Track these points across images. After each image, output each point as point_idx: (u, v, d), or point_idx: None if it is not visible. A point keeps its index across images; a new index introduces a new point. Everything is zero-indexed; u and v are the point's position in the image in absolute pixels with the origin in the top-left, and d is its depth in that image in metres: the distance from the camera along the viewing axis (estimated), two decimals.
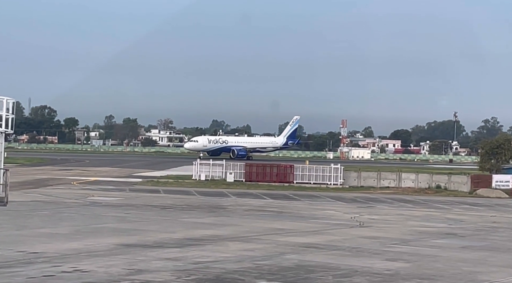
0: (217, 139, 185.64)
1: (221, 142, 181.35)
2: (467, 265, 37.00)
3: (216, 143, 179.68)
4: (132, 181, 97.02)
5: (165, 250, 38.53)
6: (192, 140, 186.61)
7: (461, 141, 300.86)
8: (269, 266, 34.59)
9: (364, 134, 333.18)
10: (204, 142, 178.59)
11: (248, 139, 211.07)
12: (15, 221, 48.49)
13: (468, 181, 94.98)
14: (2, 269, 31.87)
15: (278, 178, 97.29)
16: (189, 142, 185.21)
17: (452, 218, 62.10)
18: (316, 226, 52.35)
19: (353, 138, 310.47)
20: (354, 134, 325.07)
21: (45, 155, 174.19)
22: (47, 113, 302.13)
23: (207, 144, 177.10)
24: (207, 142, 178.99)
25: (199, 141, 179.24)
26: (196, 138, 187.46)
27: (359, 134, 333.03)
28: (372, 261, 37.19)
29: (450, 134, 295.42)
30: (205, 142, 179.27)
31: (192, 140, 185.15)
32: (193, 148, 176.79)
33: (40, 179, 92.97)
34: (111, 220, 52.39)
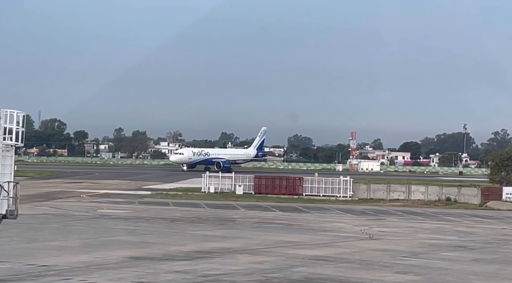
0: (200, 151, 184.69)
1: (203, 155, 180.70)
2: (478, 278, 36.82)
3: (200, 155, 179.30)
4: (141, 193, 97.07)
5: (174, 263, 38.51)
6: (177, 153, 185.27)
7: (471, 153, 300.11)
8: (279, 279, 34.51)
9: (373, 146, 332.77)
10: (189, 155, 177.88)
11: (225, 151, 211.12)
12: (25, 234, 48.58)
13: (478, 193, 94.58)
14: (12, 282, 31.91)
15: (287, 191, 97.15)
16: (175, 155, 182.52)
17: (463, 230, 61.83)
18: (325, 239, 52.22)
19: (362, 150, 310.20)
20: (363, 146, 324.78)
21: (55, 168, 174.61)
22: (57, 126, 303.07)
23: (192, 157, 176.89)
24: (191, 155, 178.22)
25: (184, 154, 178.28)
26: (181, 151, 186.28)
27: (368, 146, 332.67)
28: (382, 274, 37.05)
29: (460, 146, 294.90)
30: (190, 154, 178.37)
31: (177, 153, 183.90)
32: (178, 160, 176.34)
33: (50, 192, 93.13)
34: (120, 233, 52.42)
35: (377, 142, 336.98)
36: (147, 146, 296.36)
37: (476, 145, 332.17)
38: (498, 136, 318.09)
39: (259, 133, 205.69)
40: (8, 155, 24.14)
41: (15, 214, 24.22)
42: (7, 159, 24.08)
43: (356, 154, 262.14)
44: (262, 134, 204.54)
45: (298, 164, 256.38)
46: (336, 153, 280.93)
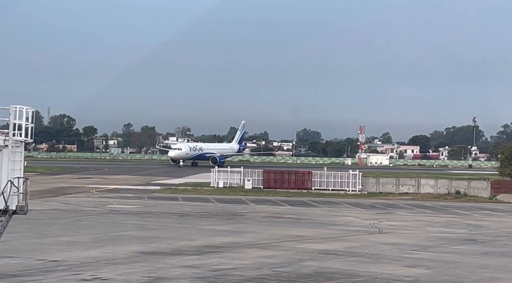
0: (195, 146, 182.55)
1: (198, 149, 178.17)
2: (488, 271, 36.77)
3: (195, 150, 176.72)
4: (150, 188, 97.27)
5: (184, 258, 38.60)
6: (175, 148, 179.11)
7: (480, 146, 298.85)
8: (288, 273, 34.55)
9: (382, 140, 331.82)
10: (187, 150, 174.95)
11: (214, 145, 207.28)
12: (35, 229, 48.80)
13: (488, 186, 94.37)
14: (22, 277, 32.07)
15: (296, 185, 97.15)
16: (173, 150, 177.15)
17: (472, 224, 61.71)
18: (334, 233, 52.23)
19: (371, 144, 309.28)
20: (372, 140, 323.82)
21: (64, 164, 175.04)
22: (66, 122, 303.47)
23: (189, 152, 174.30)
24: (188, 150, 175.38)
25: (182, 149, 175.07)
26: (179, 146, 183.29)
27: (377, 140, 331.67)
28: (391, 267, 37.05)
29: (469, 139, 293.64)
30: (187, 149, 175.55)
31: (175, 148, 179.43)
32: (177, 156, 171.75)
33: (60, 188, 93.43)
34: (130, 228, 52.55)
35: (386, 136, 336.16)
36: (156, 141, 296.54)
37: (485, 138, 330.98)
38: (507, 129, 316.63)
39: (239, 127, 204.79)
40: (18, 151, 24.22)
41: (25, 209, 24.31)
42: (17, 155, 24.16)
43: (365, 148, 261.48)
44: (242, 128, 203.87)
45: (307, 158, 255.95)
46: (345, 147, 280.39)
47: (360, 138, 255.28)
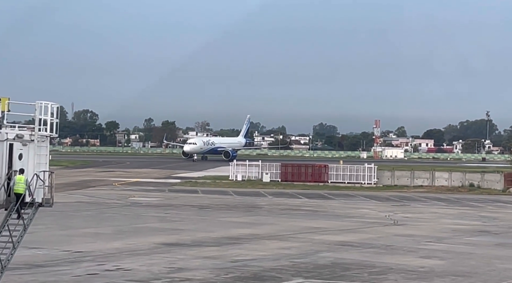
0: (208, 141, 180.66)
1: (210, 144, 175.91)
2: (502, 262, 36.60)
3: (207, 145, 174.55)
4: (171, 182, 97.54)
5: (204, 249, 38.71)
6: (190, 142, 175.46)
7: (493, 139, 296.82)
8: (306, 264, 34.58)
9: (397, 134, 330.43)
10: (201, 145, 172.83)
11: (224, 139, 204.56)
12: (60, 221, 49.13)
13: (501, 179, 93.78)
14: (49, 267, 32.32)
15: (313, 178, 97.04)
16: (188, 144, 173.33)
17: (486, 216, 61.42)
18: (351, 225, 52.17)
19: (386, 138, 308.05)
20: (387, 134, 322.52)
21: (87, 158, 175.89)
22: (89, 117, 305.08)
23: (203, 146, 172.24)
24: (202, 144, 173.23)
25: (197, 144, 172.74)
26: (194, 140, 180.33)
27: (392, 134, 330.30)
28: (406, 258, 36.97)
29: (483, 133, 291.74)
30: (202, 144, 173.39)
31: (190, 143, 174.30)
32: (193, 150, 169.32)
33: (83, 181, 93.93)
34: (151, 220, 52.78)
35: (401, 130, 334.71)
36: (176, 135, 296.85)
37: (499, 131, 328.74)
38: None
39: (245, 121, 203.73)
40: (43, 145, 24.35)
41: (51, 202, 24.44)
42: (42, 149, 24.29)
43: (380, 141, 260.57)
44: (247, 122, 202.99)
45: (323, 152, 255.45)
46: (360, 141, 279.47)
47: (375, 132, 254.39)
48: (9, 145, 23.54)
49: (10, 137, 23.63)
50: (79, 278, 30.12)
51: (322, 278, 31.12)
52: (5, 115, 23.87)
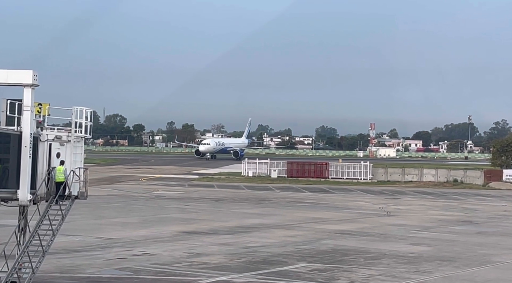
0: (219, 141, 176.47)
1: (221, 144, 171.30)
2: (482, 248, 36.48)
3: (219, 145, 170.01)
4: (190, 177, 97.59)
5: (219, 237, 38.73)
6: (205, 143, 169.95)
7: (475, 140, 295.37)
8: (309, 250, 34.55)
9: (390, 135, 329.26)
10: (214, 145, 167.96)
11: (231, 140, 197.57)
12: (94, 212, 49.26)
13: (481, 175, 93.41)
14: (84, 252, 32.44)
15: (316, 174, 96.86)
16: (203, 145, 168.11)
17: (468, 207, 61.17)
18: (349, 216, 52.08)
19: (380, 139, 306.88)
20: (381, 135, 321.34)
21: (117, 156, 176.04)
22: (119, 120, 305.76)
23: (216, 147, 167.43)
24: (215, 145, 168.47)
25: (211, 144, 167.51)
26: (208, 141, 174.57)
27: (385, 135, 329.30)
28: (398, 245, 36.89)
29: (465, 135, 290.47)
30: (214, 144, 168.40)
31: (205, 143, 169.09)
32: (207, 150, 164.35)
33: (114, 176, 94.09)
34: (173, 211, 52.83)
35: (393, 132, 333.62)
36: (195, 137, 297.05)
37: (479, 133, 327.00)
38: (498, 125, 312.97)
39: (247, 123, 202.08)
40: (79, 145, 24.45)
41: (85, 195, 24.54)
42: (78, 148, 24.40)
43: (375, 142, 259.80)
44: (249, 124, 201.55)
45: (325, 151, 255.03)
46: (357, 141, 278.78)
47: (370, 133, 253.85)
48: (49, 145, 23.69)
49: (50, 138, 23.78)
50: (110, 262, 30.22)
51: (324, 263, 31.10)
52: (46, 119, 24.01)
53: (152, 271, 28.15)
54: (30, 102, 22.56)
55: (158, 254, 32.41)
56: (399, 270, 29.73)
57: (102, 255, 31.66)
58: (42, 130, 23.71)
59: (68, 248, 32.93)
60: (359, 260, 31.81)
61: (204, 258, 31.46)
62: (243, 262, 30.85)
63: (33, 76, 22.51)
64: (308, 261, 31.30)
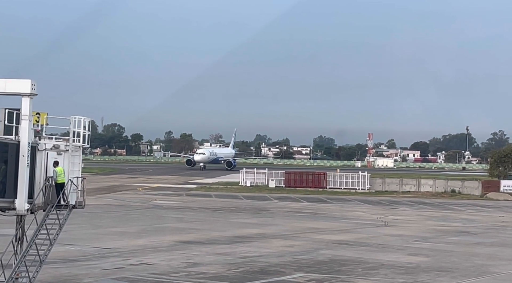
0: (212, 151, 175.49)
1: (214, 154, 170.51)
2: (480, 259, 36.42)
3: (213, 155, 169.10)
4: (188, 187, 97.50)
5: (217, 246, 38.64)
6: (200, 153, 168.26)
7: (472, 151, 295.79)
8: (307, 260, 34.47)
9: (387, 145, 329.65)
10: (208, 155, 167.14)
11: (222, 150, 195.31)
12: (91, 221, 49.15)
13: (479, 186, 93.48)
14: (81, 262, 32.33)
15: (314, 184, 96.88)
16: (199, 154, 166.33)
17: (466, 218, 61.14)
18: (346, 226, 52.01)
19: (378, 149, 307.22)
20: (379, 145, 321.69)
21: (115, 166, 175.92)
22: (117, 130, 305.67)
23: (210, 156, 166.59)
24: (209, 155, 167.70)
25: (205, 154, 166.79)
26: (203, 151, 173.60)
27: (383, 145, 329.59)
28: (396, 255, 36.83)
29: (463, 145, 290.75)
30: (209, 154, 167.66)
31: (200, 153, 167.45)
32: (202, 160, 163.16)
33: (111, 186, 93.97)
34: (171, 221, 52.73)
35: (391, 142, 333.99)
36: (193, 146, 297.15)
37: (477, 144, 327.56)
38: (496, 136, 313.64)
39: (233, 134, 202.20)
40: (77, 154, 24.41)
41: (83, 204, 24.48)
42: (76, 158, 24.35)
43: (373, 152, 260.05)
44: (234, 134, 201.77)
45: (323, 161, 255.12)
46: (355, 151, 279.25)
47: (368, 144, 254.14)
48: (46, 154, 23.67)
49: (48, 147, 23.76)
50: (107, 271, 30.12)
51: (321, 273, 31.02)
52: (44, 128, 24.00)
53: (149, 281, 28.06)
54: (28, 111, 22.54)
55: (155, 263, 32.31)
56: (397, 280, 29.66)
57: (100, 265, 31.55)
58: (40, 139, 23.69)
59: (66, 258, 32.82)
60: (356, 270, 31.73)
61: (201, 268, 31.37)
62: (241, 272, 30.77)
63: (31, 85, 22.50)
64: (306, 271, 31.21)
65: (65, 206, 23.61)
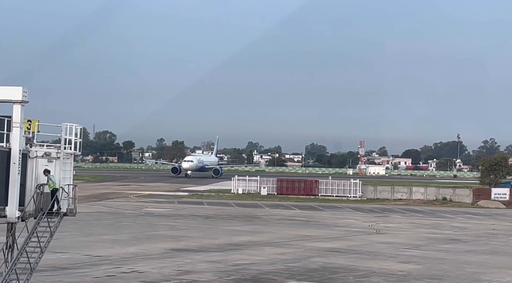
0: (199, 159, 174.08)
1: (201, 162, 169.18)
2: (471, 266, 36.48)
3: (200, 162, 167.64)
4: (180, 194, 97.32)
5: (208, 254, 38.56)
6: (188, 160, 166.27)
7: (463, 159, 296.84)
8: (298, 268, 34.44)
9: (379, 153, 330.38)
10: (196, 162, 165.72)
11: (206, 158, 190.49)
12: (82, 229, 48.95)
13: (470, 193, 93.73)
14: (72, 270, 32.18)
15: (305, 192, 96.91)
16: (187, 162, 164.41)
17: (457, 226, 61.27)
18: (338, 233, 52.01)
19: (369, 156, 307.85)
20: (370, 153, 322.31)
21: (106, 173, 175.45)
22: (109, 137, 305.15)
23: (197, 164, 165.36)
24: (197, 162, 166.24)
25: (193, 161, 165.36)
26: (191, 158, 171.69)
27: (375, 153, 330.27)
28: (387, 263, 36.84)
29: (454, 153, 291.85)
30: (197, 162, 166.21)
31: (188, 161, 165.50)
32: (190, 167, 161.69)
33: (103, 193, 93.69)
34: (162, 228, 52.58)
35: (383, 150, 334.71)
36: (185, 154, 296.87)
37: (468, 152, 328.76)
38: (487, 144, 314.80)
39: (216, 142, 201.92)
40: (68, 162, 24.35)
41: (74, 212, 24.39)
42: (67, 165, 24.29)
43: (364, 160, 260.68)
44: (217, 142, 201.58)
45: (314, 168, 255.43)
46: (347, 159, 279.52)
47: (360, 151, 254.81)
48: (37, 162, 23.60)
49: (39, 154, 23.69)
50: (99, 280, 29.98)
51: (313, 280, 30.99)
52: (35, 135, 23.93)
53: None
54: (19, 118, 22.49)
55: (147, 271, 32.20)
56: None
57: (91, 273, 31.41)
58: (31, 146, 23.62)
59: (56, 266, 32.65)
60: (348, 278, 31.72)
61: (193, 276, 31.27)
62: (232, 279, 30.70)
63: (22, 92, 22.46)
64: (298, 279, 31.17)
65: (56, 213, 23.53)
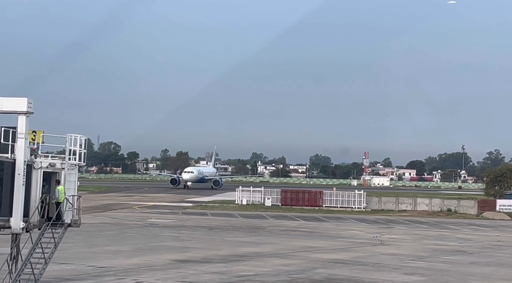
0: (199, 170, 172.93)
1: (200, 173, 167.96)
2: (476, 278, 36.32)
3: (200, 174, 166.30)
4: (184, 205, 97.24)
5: (212, 265, 38.49)
6: (188, 171, 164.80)
7: (468, 170, 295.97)
8: (303, 279, 34.33)
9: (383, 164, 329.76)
10: (196, 173, 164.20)
11: (205, 169, 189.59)
12: (86, 240, 48.93)
13: (475, 205, 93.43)
14: (76, 281, 32.13)
15: (310, 203, 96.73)
16: (187, 173, 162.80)
17: (462, 237, 61.05)
18: (342, 244, 51.87)
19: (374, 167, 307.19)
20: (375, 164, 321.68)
21: (111, 184, 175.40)
22: (113, 148, 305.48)
23: (198, 175, 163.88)
24: (197, 173, 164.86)
25: (194, 173, 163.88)
26: (191, 169, 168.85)
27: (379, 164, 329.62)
28: (392, 275, 36.71)
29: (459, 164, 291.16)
30: (197, 173, 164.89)
31: (188, 171, 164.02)
32: (190, 178, 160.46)
33: (107, 204, 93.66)
34: (166, 239, 52.53)
35: (387, 161, 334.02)
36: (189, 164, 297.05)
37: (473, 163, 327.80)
38: (492, 155, 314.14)
39: (213, 152, 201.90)
40: (72, 173, 24.44)
41: (78, 223, 24.45)
42: (72, 176, 24.37)
43: (369, 171, 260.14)
44: (215, 152, 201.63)
45: (319, 179, 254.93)
46: (351, 170, 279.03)
47: (364, 162, 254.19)
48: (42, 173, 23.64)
49: (44, 165, 23.75)
50: None
51: None
52: (40, 146, 24.01)
53: None
54: (24, 129, 22.58)
55: (150, 282, 32.13)
56: None
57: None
58: (36, 157, 23.68)
59: (61, 277, 32.62)
60: None
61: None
62: None
63: (27, 103, 22.57)
64: None
65: (60, 224, 23.57)
